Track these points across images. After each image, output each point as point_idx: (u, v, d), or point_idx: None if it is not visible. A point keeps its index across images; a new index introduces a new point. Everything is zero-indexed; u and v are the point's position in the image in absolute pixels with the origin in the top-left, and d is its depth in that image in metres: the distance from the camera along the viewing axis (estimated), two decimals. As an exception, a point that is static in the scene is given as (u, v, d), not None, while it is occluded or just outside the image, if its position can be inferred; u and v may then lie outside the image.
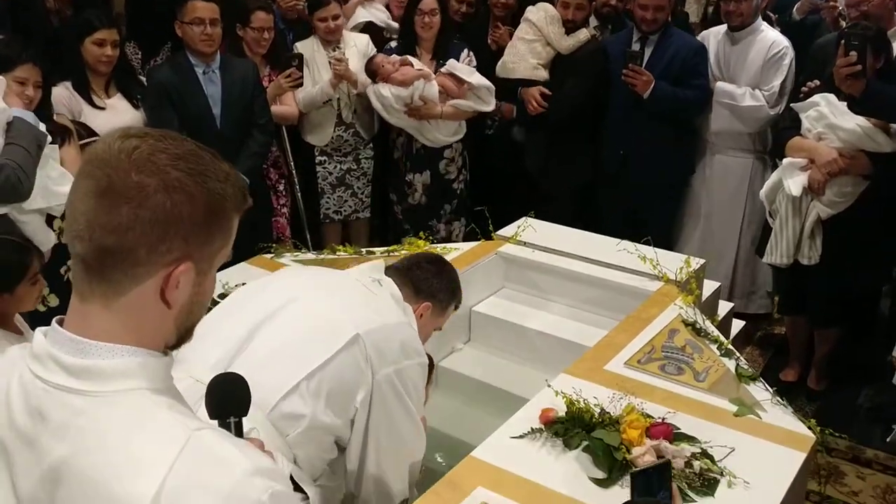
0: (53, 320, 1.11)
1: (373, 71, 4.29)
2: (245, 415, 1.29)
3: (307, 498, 1.90)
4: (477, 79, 4.31)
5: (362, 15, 4.71)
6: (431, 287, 2.28)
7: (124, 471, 1.00)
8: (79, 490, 1.02)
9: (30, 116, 3.01)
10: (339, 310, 2.01)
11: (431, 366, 2.56)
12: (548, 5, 4.37)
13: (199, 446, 1.02)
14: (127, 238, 1.03)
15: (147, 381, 1.07)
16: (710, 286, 3.19)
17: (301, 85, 4.24)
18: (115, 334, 1.07)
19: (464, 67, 4.32)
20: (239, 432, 1.26)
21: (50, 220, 3.14)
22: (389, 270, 2.27)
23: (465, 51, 4.43)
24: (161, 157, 1.04)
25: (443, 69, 4.31)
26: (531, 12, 4.40)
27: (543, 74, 4.40)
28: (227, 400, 1.29)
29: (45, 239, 3.07)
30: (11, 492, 1.07)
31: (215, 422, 1.26)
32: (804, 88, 3.81)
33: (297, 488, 1.88)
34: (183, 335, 1.14)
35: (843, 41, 3.35)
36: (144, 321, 1.08)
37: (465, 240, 4.26)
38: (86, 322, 1.07)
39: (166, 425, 1.04)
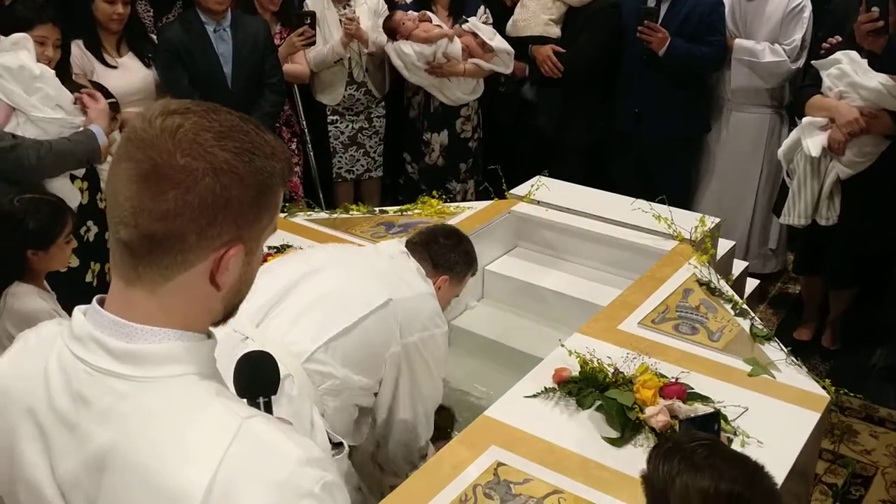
0: (94, 300, 1.07)
1: (392, 28, 4.24)
2: (274, 394, 1.28)
3: (341, 449, 1.98)
4: (498, 42, 4.27)
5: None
6: (449, 261, 2.37)
7: (175, 460, 0.97)
8: (127, 478, 0.99)
9: (101, 137, 3.05)
10: (372, 277, 2.16)
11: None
12: None
13: (251, 435, 0.99)
14: (175, 224, 0.98)
15: (195, 366, 1.04)
16: (724, 245, 3.17)
17: (314, 43, 4.20)
18: (162, 318, 1.03)
19: (487, 29, 4.27)
20: (269, 412, 1.24)
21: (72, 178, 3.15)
22: (409, 245, 2.37)
23: (482, 7, 4.37)
24: (206, 137, 0.99)
25: (465, 27, 4.25)
26: None
27: (556, 31, 4.33)
28: (256, 380, 1.27)
29: (72, 198, 3.08)
30: (50, 475, 1.04)
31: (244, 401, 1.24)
32: (825, 45, 3.74)
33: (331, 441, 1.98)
34: (230, 312, 1.11)
35: None
36: (192, 304, 1.05)
37: (478, 199, 4.24)
38: (130, 305, 1.03)
39: (217, 413, 1.00)
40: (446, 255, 2.38)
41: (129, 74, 3.70)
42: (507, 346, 3.01)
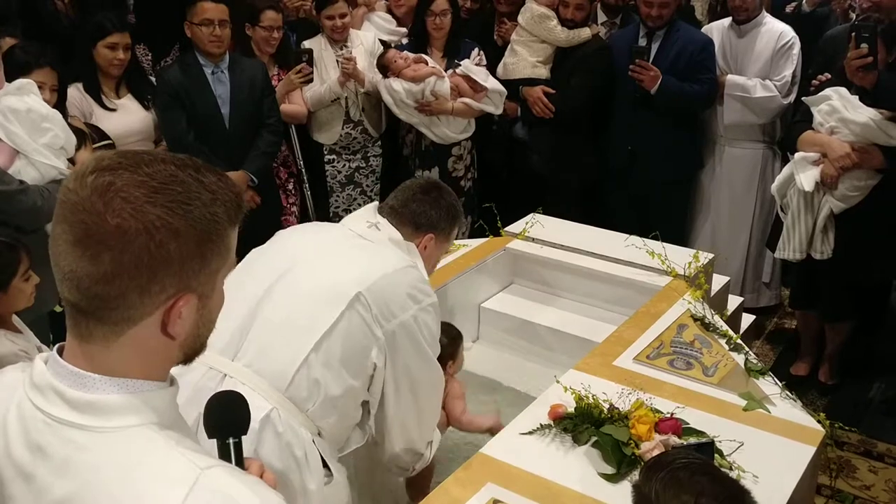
0: (54, 348, 1.07)
1: (384, 65, 4.30)
2: (245, 433, 1.27)
3: (331, 478, 1.93)
4: (492, 83, 4.33)
5: (367, 35, 4.64)
6: (431, 218, 2.19)
7: None
8: None
9: None
10: (337, 271, 1.99)
11: (460, 338, 2.63)
12: (532, 5, 4.36)
13: (209, 486, 0.98)
14: (115, 285, 0.98)
15: (154, 416, 1.04)
16: (719, 280, 3.19)
17: (311, 80, 4.26)
18: (119, 369, 1.03)
19: (480, 71, 4.33)
20: (238, 453, 1.24)
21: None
22: (384, 210, 2.20)
23: (476, 49, 4.43)
24: (137, 194, 0.97)
25: (458, 70, 4.31)
26: (520, 15, 4.42)
27: (544, 72, 4.40)
28: (226, 420, 1.27)
29: None
30: None
31: (215, 444, 1.24)
32: (815, 82, 3.79)
33: (325, 465, 1.93)
34: (192, 356, 1.11)
35: (853, 34, 3.33)
36: (148, 355, 1.05)
37: (473, 236, 4.26)
38: (87, 358, 1.03)
39: (175, 464, 1.00)
40: (427, 213, 2.18)
41: (127, 116, 3.75)
42: (503, 383, 3.01)
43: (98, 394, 1.02)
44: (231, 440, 1.23)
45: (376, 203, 2.24)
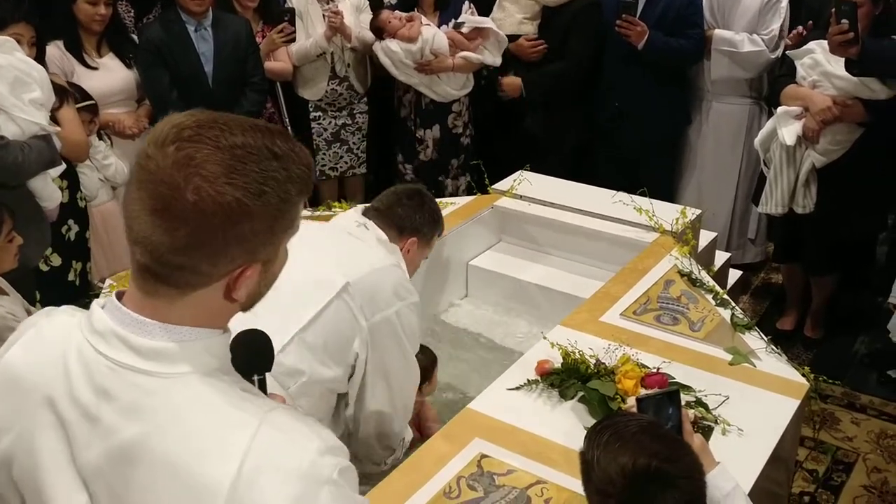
0: (113, 295, 1.10)
1: (378, 27, 4.24)
2: (269, 370, 1.31)
3: None
4: (500, 33, 4.29)
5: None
6: (414, 223, 2.28)
7: (203, 454, 1.01)
8: (156, 472, 1.02)
9: (57, 142, 3.06)
10: (327, 262, 2.05)
11: (434, 363, 2.64)
12: None
13: (273, 428, 1.03)
14: (187, 257, 1.01)
15: (215, 362, 1.08)
16: (706, 236, 3.20)
17: (293, 40, 4.20)
18: (181, 320, 1.06)
19: (485, 20, 4.28)
20: (263, 388, 1.27)
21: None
22: (370, 213, 2.28)
23: (467, 3, 4.38)
24: (216, 170, 0.99)
25: (464, 29, 4.26)
26: None
27: (530, 29, 4.35)
28: (252, 357, 1.30)
29: (50, 196, 3.08)
30: (70, 463, 1.07)
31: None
32: (794, 33, 3.77)
33: None
34: (251, 306, 1.15)
35: (833, 10, 3.31)
36: (210, 311, 1.09)
37: (462, 194, 4.26)
38: (149, 309, 1.06)
39: (240, 408, 1.05)
40: (412, 217, 2.28)
41: (109, 75, 3.70)
42: (491, 340, 3.03)
43: (162, 341, 1.05)
44: (256, 377, 1.27)
45: (363, 206, 2.34)
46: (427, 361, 2.59)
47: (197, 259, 1.02)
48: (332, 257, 2.09)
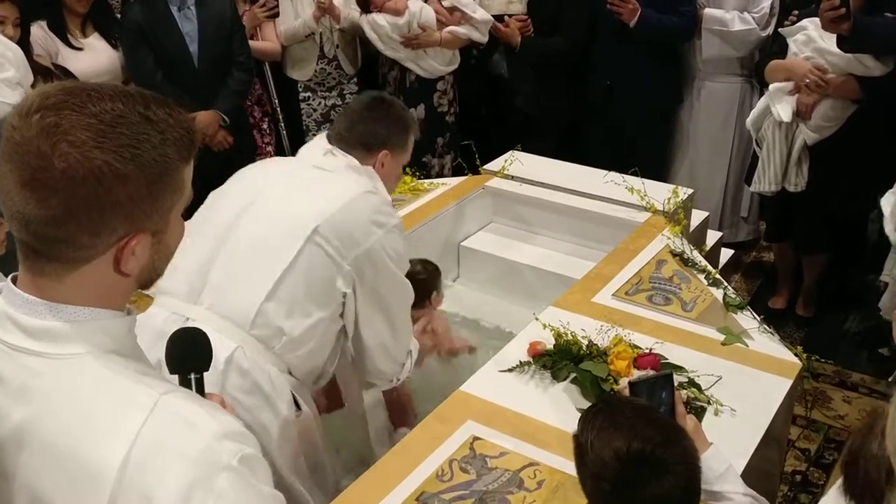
0: (8, 278, 1.07)
1: (364, 1, 4.19)
2: (206, 370, 1.28)
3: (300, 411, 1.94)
4: (481, 14, 4.23)
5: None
6: (380, 136, 2.11)
7: (91, 435, 0.98)
8: (44, 454, 1.00)
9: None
10: (295, 205, 1.96)
11: (438, 274, 2.64)
12: None
13: (167, 410, 1.00)
14: (64, 228, 0.97)
15: (111, 343, 1.05)
16: (698, 216, 3.18)
17: (276, 14, 4.15)
18: (74, 299, 1.03)
19: (468, 2, 4.23)
20: (200, 388, 1.24)
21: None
22: (332, 138, 2.12)
23: (456, -23, 4.32)
24: (83, 137, 0.95)
25: (445, 3, 4.21)
26: None
27: (518, 8, 4.31)
28: (188, 356, 1.27)
29: None
30: None
31: (176, 378, 1.25)
32: (788, 20, 3.75)
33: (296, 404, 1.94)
34: (149, 283, 1.11)
35: None
36: (102, 288, 1.05)
37: (453, 175, 4.22)
38: (41, 289, 1.03)
39: (133, 389, 1.01)
40: (376, 131, 2.10)
41: (95, 55, 3.65)
42: (483, 322, 3.01)
43: (53, 320, 1.02)
44: (193, 375, 1.24)
45: (325, 132, 2.18)
46: (429, 274, 2.62)
47: (74, 230, 0.98)
48: (301, 196, 1.98)
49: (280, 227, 1.92)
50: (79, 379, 1.01)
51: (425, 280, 2.61)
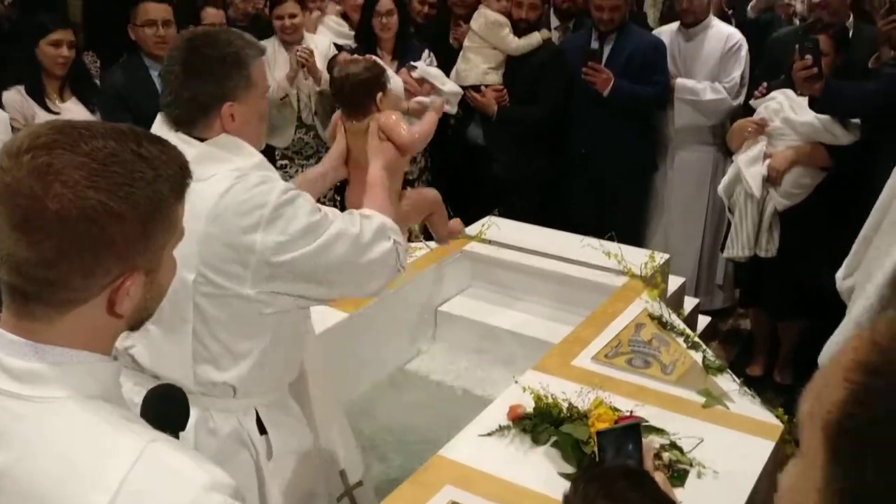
0: None
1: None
2: (182, 429, 1.26)
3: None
4: (450, 86, 4.29)
5: (322, 39, 4.59)
6: (212, 93, 1.70)
7: (74, 483, 0.94)
8: (23, 502, 0.96)
9: None
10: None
11: (381, 71, 2.33)
12: (487, 11, 4.34)
13: (154, 458, 0.96)
14: (57, 270, 0.95)
15: (97, 387, 1.02)
16: (675, 282, 3.19)
17: None
18: (61, 342, 1.00)
19: (436, 73, 4.29)
20: None
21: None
22: (173, 123, 1.74)
23: (426, 51, 4.40)
24: (76, 177, 0.93)
25: (414, 73, 4.27)
26: (473, 20, 4.39)
27: (495, 78, 4.39)
28: (165, 413, 1.24)
29: None
30: None
31: None
32: (758, 91, 3.84)
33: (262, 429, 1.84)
34: (139, 324, 1.09)
35: (797, 45, 3.37)
36: (93, 330, 1.02)
37: (429, 239, 4.21)
38: (27, 331, 1.00)
39: (118, 435, 0.98)
40: (204, 89, 1.69)
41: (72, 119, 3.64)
42: (461, 386, 2.97)
43: (38, 363, 0.99)
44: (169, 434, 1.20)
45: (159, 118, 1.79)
46: (372, 75, 2.26)
47: (67, 272, 0.96)
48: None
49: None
50: (62, 423, 0.97)
51: (367, 80, 2.24)
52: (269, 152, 4.39)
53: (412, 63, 4.31)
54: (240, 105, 1.72)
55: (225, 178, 1.66)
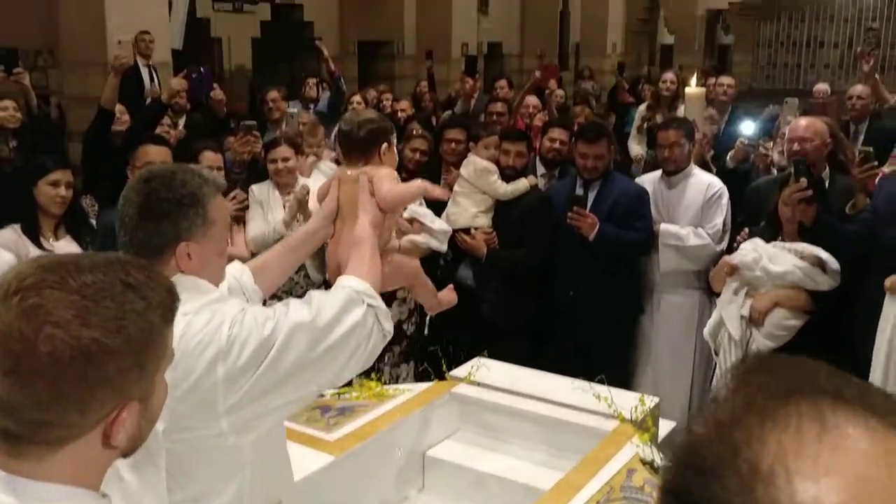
0: None
1: None
2: None
3: None
4: (439, 224, 4.38)
5: (316, 183, 4.71)
6: (167, 235, 1.68)
7: None
8: None
9: None
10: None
11: (390, 126, 2.31)
12: (476, 158, 4.50)
13: None
14: (52, 411, 0.94)
15: None
16: (666, 425, 3.16)
17: (248, 206, 4.31)
18: (51, 476, 0.98)
19: (426, 212, 4.38)
20: None
21: None
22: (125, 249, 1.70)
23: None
24: (67, 316, 0.92)
25: (405, 214, 4.35)
26: (463, 167, 4.54)
27: (483, 222, 4.50)
28: None
29: None
30: None
31: None
32: (739, 237, 3.93)
33: None
34: (132, 451, 1.07)
35: (793, 168, 3.48)
36: (85, 464, 1.00)
37: (418, 380, 4.19)
38: (15, 469, 0.97)
39: None
40: (160, 231, 1.67)
41: (64, 258, 3.67)
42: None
43: (31, 500, 0.96)
44: None
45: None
46: (378, 124, 2.25)
47: (61, 412, 0.94)
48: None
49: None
50: None
51: (378, 128, 2.24)
52: (258, 292, 4.41)
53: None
54: (196, 244, 1.69)
55: (177, 323, 1.64)
